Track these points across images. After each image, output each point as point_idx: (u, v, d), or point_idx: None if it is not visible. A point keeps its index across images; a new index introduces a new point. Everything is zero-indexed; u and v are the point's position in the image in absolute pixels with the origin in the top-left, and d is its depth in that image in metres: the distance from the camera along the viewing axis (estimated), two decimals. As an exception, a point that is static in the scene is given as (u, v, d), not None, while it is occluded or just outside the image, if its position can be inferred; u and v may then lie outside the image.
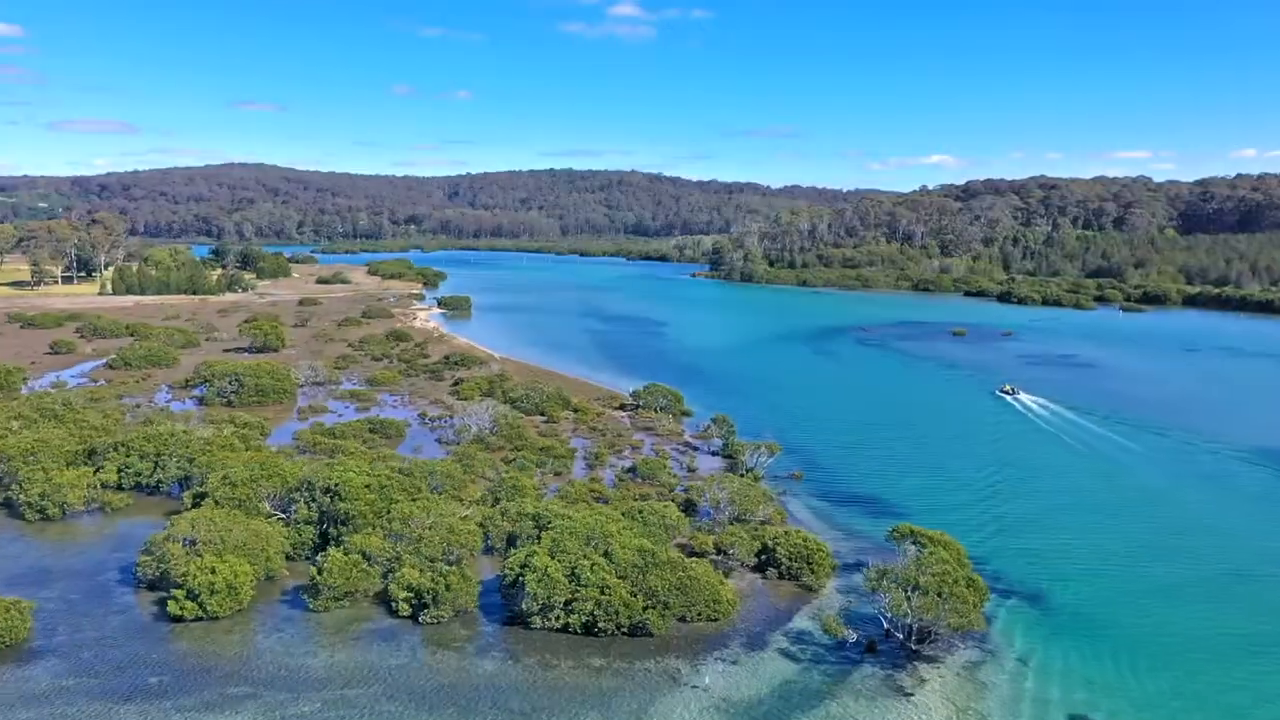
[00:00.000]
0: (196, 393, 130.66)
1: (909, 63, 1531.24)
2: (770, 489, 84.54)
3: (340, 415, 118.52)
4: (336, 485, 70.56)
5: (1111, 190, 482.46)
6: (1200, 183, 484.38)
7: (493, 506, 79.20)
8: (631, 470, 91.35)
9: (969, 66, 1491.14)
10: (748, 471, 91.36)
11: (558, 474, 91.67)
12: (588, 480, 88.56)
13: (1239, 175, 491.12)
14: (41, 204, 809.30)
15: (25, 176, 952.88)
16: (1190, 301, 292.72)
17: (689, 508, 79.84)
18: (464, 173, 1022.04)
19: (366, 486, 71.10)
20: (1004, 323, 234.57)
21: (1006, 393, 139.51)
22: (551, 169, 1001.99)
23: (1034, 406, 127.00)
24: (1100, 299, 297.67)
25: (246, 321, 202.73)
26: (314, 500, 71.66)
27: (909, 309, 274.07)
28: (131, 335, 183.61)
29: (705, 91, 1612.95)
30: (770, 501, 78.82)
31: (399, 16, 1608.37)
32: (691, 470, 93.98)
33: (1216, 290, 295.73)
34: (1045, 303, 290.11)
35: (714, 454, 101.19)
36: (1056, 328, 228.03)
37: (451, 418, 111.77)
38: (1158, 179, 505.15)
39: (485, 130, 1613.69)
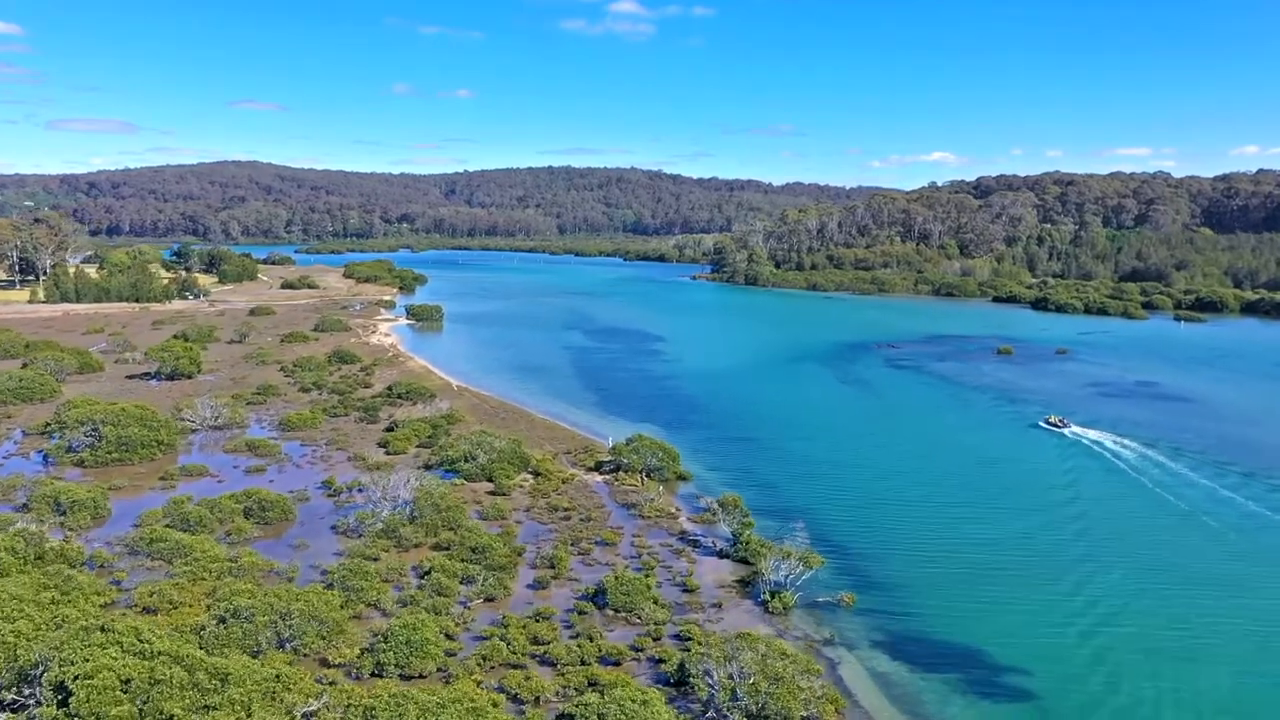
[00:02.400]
0: (53, 442, 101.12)
1: (910, 59, 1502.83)
2: (807, 650, 54.79)
3: (222, 481, 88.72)
4: (73, 683, 40.73)
5: (1130, 186, 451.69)
6: (1222, 178, 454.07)
7: (373, 676, 50.06)
8: (599, 595, 61.31)
9: (969, 64, 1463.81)
10: (774, 596, 61.45)
11: (489, 598, 61.80)
12: (531, 614, 58.66)
13: (1261, 170, 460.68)
14: (28, 203, 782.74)
15: (16, 175, 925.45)
16: (1250, 309, 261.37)
17: (682, 678, 50.12)
18: (461, 170, 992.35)
19: (125, 683, 41.06)
20: (1051, 337, 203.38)
21: (1053, 425, 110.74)
22: (550, 166, 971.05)
23: (1143, 465, 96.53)
24: (1148, 305, 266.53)
25: (175, 338, 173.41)
26: (39, 703, 41.97)
27: (937, 319, 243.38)
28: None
29: (706, 89, 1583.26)
30: (814, 675, 49.00)
31: (398, 15, 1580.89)
32: (690, 590, 63.92)
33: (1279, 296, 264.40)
34: (1088, 311, 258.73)
35: (721, 555, 71.05)
36: (1113, 343, 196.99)
37: (364, 488, 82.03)
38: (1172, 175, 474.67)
39: (485, 129, 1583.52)
